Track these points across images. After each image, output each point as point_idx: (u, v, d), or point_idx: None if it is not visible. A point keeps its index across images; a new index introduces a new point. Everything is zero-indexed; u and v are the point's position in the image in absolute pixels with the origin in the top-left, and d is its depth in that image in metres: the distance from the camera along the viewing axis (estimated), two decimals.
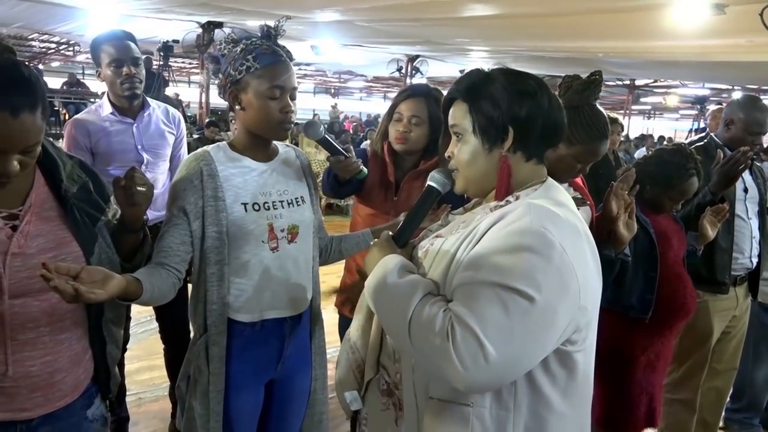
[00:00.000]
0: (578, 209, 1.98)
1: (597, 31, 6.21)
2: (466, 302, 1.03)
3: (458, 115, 1.21)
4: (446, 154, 1.26)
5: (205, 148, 1.63)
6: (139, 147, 2.43)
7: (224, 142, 1.66)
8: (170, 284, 1.50)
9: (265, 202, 1.60)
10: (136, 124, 2.44)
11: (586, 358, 1.17)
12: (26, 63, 1.22)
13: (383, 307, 1.14)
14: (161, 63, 10.24)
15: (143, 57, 2.56)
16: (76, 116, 2.48)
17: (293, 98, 1.60)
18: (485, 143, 1.18)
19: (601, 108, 1.97)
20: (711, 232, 2.30)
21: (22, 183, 1.25)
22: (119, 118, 2.42)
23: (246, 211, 1.57)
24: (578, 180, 2.13)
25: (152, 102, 2.54)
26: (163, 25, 8.65)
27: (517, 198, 1.16)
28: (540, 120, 1.17)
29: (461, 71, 10.26)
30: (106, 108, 2.42)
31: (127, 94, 2.38)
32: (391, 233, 1.29)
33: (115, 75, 2.34)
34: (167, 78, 10.43)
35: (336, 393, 1.39)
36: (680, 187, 2.13)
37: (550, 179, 1.23)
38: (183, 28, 8.88)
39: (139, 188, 1.36)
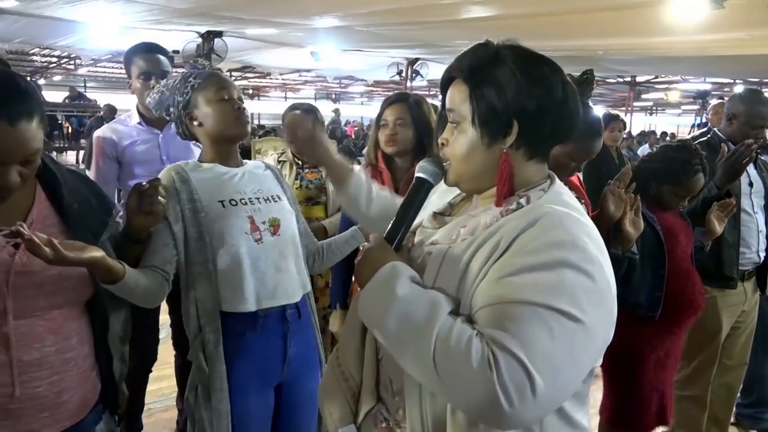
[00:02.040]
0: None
1: (597, 29, 6.21)
2: (504, 325, 0.88)
3: (457, 99, 1.05)
4: (440, 141, 1.12)
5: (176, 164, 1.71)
6: (164, 157, 2.47)
7: (193, 160, 1.74)
8: (157, 282, 1.51)
9: (242, 198, 1.64)
10: (162, 135, 2.49)
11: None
12: (22, 75, 1.22)
13: (394, 327, 0.93)
14: None
15: None
16: (105, 125, 2.55)
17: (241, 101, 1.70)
18: (485, 136, 1.03)
19: (592, 105, 1.97)
20: (718, 228, 2.29)
21: (23, 199, 1.25)
22: (146, 128, 2.48)
23: (224, 206, 1.61)
24: (574, 179, 2.13)
25: None
26: (163, 36, 8.65)
27: (528, 200, 1.03)
28: (551, 114, 1.02)
29: None
30: (134, 118, 2.49)
31: None
32: (383, 235, 1.10)
33: (144, 87, 2.40)
34: None
35: (327, 426, 1.21)
36: (686, 184, 2.13)
37: (556, 178, 1.09)
38: (183, 38, 8.89)
39: (161, 198, 1.39)
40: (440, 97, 1.16)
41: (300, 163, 2.89)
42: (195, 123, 1.67)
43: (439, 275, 1.00)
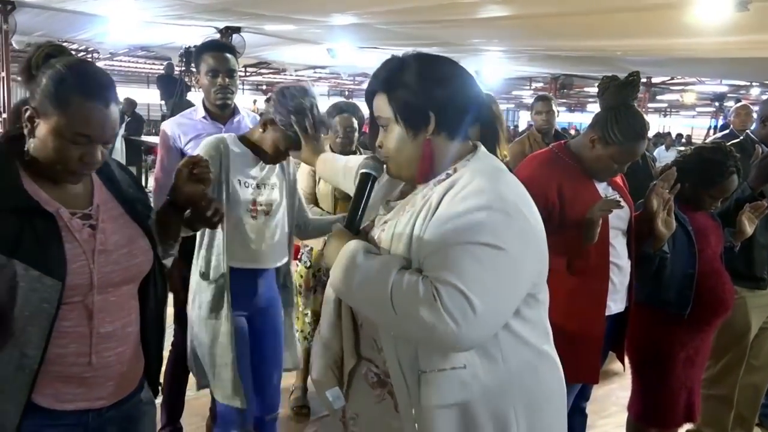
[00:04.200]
0: (616, 211, 2.02)
1: (617, 29, 6.19)
2: (442, 264, 1.09)
3: (380, 107, 1.26)
4: (376, 145, 1.31)
5: (221, 135, 2.13)
6: None
7: (233, 136, 2.14)
8: None
9: (252, 182, 2.10)
10: (225, 129, 2.58)
11: (544, 294, 1.27)
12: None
13: (358, 287, 1.15)
14: (183, 69, 10.31)
15: (166, 63, 2.67)
16: (172, 118, 2.73)
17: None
18: (409, 130, 1.23)
19: (637, 108, 1.99)
20: (749, 229, 2.32)
21: (86, 185, 1.35)
22: (210, 122, 2.60)
23: (239, 185, 2.06)
24: (618, 179, 2.15)
25: (242, 110, 2.71)
26: (182, 31, 8.71)
27: (455, 170, 1.22)
28: (458, 102, 1.23)
29: (476, 72, 10.27)
30: (199, 112, 2.61)
31: (219, 103, 2.56)
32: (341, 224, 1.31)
33: (211, 84, 2.52)
34: (189, 83, 10.52)
35: (317, 394, 1.40)
36: (721, 185, 2.15)
37: (481, 147, 1.28)
38: (201, 33, 8.93)
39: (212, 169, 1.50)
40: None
41: None
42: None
43: (392, 245, 1.21)
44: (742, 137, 2.75)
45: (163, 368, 1.72)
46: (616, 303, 2.05)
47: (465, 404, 1.16)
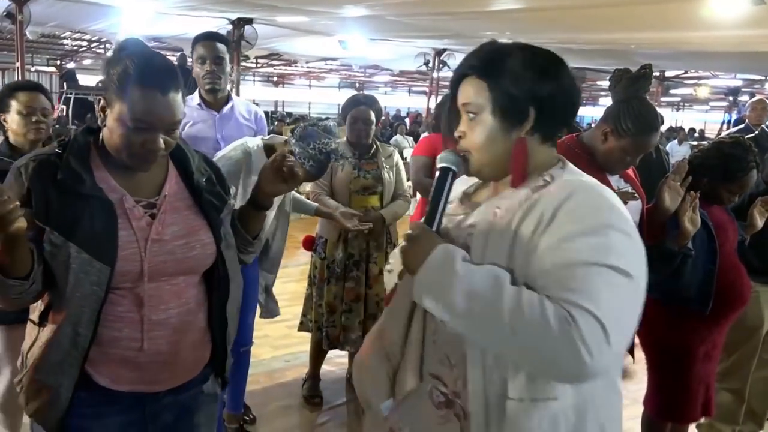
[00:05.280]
0: (628, 203, 2.01)
1: (631, 22, 6.14)
2: (570, 286, 0.96)
3: (473, 93, 1.13)
4: (456, 134, 1.17)
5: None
6: (219, 136, 2.65)
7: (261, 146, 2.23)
8: None
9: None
10: (218, 116, 2.68)
11: None
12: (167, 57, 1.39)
13: (462, 304, 1.00)
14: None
15: (179, 54, 2.74)
16: None
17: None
18: (504, 124, 1.10)
19: (649, 101, 1.99)
20: (760, 222, 2.32)
21: (158, 175, 1.40)
22: (205, 110, 2.68)
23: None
24: (629, 172, 2.15)
25: (236, 98, 2.80)
26: (194, 22, 8.74)
27: (552, 177, 1.11)
28: (562, 100, 1.12)
29: None
30: (195, 99, 2.70)
31: (208, 88, 2.65)
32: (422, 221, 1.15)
33: (200, 71, 2.63)
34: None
35: (363, 404, 1.30)
36: (741, 181, 2.13)
37: (566, 160, 1.17)
38: (213, 24, 8.95)
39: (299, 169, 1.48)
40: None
41: (358, 153, 2.96)
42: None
43: (487, 251, 1.07)
44: (757, 132, 2.74)
45: None
46: None
47: None
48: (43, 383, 1.31)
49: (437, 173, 1.18)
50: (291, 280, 4.69)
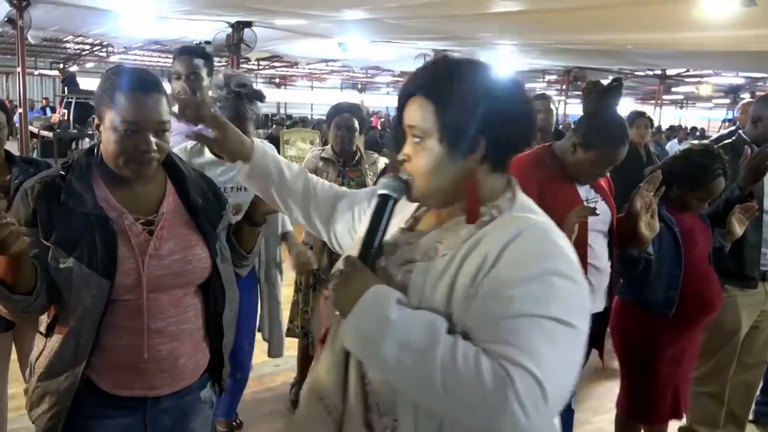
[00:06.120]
0: (596, 203, 2.04)
1: (626, 23, 6.17)
2: (508, 339, 0.90)
3: (419, 117, 1.03)
4: (400, 156, 1.08)
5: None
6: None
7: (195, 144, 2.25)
8: None
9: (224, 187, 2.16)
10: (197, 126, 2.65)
11: None
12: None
13: (393, 355, 0.91)
14: None
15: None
16: None
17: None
18: (451, 153, 1.01)
19: (619, 114, 2.02)
20: (739, 230, 2.33)
21: (157, 192, 1.48)
22: (182, 121, 2.63)
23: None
24: (602, 182, 2.18)
25: None
26: (193, 26, 8.79)
27: (499, 210, 1.03)
28: (516, 128, 1.04)
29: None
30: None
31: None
32: (356, 255, 1.04)
33: (176, 86, 2.66)
34: None
35: None
36: (707, 188, 2.16)
37: (515, 184, 1.09)
38: (212, 28, 9.01)
39: None
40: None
41: (342, 161, 2.99)
42: None
43: (424, 293, 0.99)
44: (734, 137, 2.76)
45: None
46: (594, 303, 2.08)
47: None
48: (45, 390, 1.39)
49: (374, 200, 1.09)
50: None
